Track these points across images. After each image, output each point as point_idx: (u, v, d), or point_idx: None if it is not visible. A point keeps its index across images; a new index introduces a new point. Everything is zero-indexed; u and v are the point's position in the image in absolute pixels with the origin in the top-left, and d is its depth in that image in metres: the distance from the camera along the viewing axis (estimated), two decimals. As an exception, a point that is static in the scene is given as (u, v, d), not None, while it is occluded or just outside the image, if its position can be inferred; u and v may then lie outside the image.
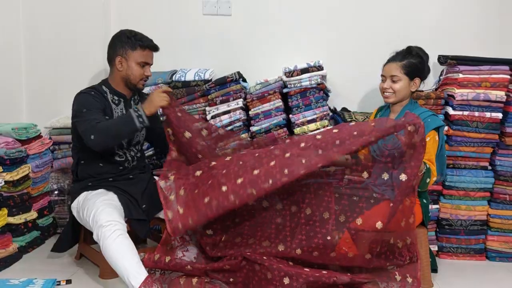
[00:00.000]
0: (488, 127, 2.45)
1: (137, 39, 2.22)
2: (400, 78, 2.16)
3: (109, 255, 1.97)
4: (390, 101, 2.23)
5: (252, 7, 2.88)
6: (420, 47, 2.22)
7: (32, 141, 2.62)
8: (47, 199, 2.74)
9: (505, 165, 2.47)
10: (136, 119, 2.05)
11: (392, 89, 2.18)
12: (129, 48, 2.21)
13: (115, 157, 2.26)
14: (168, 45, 2.86)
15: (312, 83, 2.53)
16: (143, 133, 2.37)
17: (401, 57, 2.19)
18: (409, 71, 2.16)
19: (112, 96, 2.25)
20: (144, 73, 2.25)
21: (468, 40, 2.77)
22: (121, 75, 2.24)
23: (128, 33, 2.24)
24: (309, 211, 2.09)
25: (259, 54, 2.87)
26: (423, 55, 2.20)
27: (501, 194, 2.49)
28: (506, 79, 2.43)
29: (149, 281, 1.90)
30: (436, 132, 2.14)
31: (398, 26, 2.81)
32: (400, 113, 2.23)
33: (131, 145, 2.32)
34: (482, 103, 2.44)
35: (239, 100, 2.60)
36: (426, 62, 2.21)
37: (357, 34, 2.85)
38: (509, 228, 2.49)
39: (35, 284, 2.03)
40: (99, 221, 2.00)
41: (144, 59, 2.24)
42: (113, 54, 2.24)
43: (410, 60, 2.17)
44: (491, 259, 2.53)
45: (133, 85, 2.26)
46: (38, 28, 2.90)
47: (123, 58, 2.22)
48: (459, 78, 2.45)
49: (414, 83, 2.19)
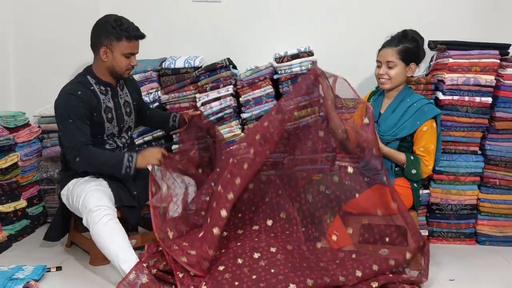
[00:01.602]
0: (478, 111, 2.45)
1: (123, 29, 2.12)
2: (396, 63, 2.15)
3: (99, 240, 1.96)
4: (386, 87, 2.22)
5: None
6: (415, 31, 2.21)
7: (20, 129, 2.60)
8: (37, 188, 2.72)
9: (494, 150, 2.48)
10: (124, 168, 2.06)
11: (388, 75, 2.17)
12: (114, 39, 2.12)
13: (105, 145, 2.23)
14: (158, 32, 2.86)
15: (303, 69, 2.52)
16: (133, 118, 2.35)
17: (396, 41, 2.17)
18: (405, 56, 2.14)
19: (98, 87, 2.20)
20: (130, 63, 2.19)
21: (459, 25, 2.77)
22: (106, 66, 2.18)
23: (113, 22, 2.12)
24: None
25: (250, 41, 2.86)
26: (418, 39, 2.19)
27: (491, 178, 2.50)
28: (495, 63, 2.43)
29: (140, 266, 1.90)
30: (434, 121, 2.14)
31: (389, 11, 2.81)
32: (395, 99, 2.23)
33: (122, 131, 2.30)
34: (472, 87, 2.44)
35: (229, 87, 2.58)
36: (422, 46, 2.20)
37: (348, 20, 2.84)
38: (499, 212, 2.50)
39: (25, 271, 2.03)
40: (88, 206, 1.99)
41: (130, 50, 2.16)
42: (97, 42, 2.16)
43: (406, 44, 2.15)
44: (481, 243, 2.54)
45: (118, 75, 2.21)
46: (27, 17, 2.87)
47: (108, 49, 2.14)
48: (449, 63, 2.46)
49: (410, 68, 2.18)
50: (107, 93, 2.23)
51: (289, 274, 1.87)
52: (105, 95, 2.22)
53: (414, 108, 2.16)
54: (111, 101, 2.23)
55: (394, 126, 2.17)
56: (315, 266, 1.94)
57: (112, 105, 2.23)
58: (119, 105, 2.27)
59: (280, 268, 1.92)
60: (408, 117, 2.15)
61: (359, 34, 2.80)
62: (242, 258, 1.99)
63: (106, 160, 2.08)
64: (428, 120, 2.12)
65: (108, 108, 2.21)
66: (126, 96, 2.33)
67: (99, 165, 2.08)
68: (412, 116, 2.14)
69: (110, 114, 2.22)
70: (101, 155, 2.09)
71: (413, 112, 2.14)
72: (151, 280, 1.87)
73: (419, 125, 2.12)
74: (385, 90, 2.27)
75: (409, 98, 2.20)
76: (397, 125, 2.17)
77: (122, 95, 2.30)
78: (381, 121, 2.22)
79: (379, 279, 1.90)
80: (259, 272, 1.91)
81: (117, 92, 2.28)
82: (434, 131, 2.14)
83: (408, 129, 2.14)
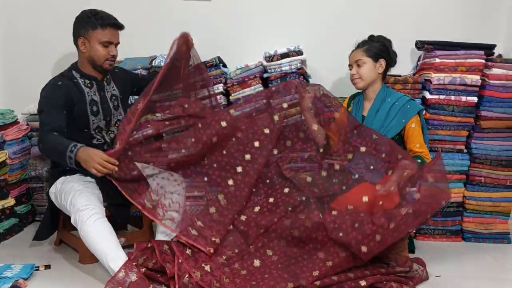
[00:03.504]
0: (464, 110, 2.49)
1: (97, 18, 2.13)
2: (364, 61, 2.23)
3: (87, 239, 1.96)
4: (360, 86, 2.28)
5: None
6: (381, 35, 2.29)
7: (8, 127, 2.59)
8: (25, 186, 2.71)
9: (480, 148, 2.52)
10: (68, 159, 1.97)
11: (358, 74, 2.24)
12: (90, 28, 2.13)
13: (92, 140, 2.22)
14: (148, 30, 2.86)
15: (292, 68, 2.54)
16: (121, 111, 2.33)
17: (362, 43, 2.28)
18: (372, 53, 2.23)
19: (83, 80, 2.20)
20: (109, 53, 2.18)
21: (445, 25, 2.81)
22: (86, 57, 2.19)
23: (88, 12, 2.16)
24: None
25: (240, 39, 2.87)
26: (384, 40, 2.28)
27: (476, 176, 2.54)
28: (481, 63, 2.47)
29: (129, 265, 1.90)
30: (418, 116, 2.19)
31: (377, 11, 2.84)
32: (376, 100, 2.26)
33: (110, 125, 2.29)
34: (458, 87, 2.48)
35: (219, 85, 2.59)
36: (390, 46, 2.27)
37: (337, 20, 2.87)
38: (484, 209, 2.55)
39: (13, 269, 2.02)
40: (77, 205, 1.99)
41: (107, 38, 2.15)
42: (76, 35, 2.18)
43: (372, 44, 2.25)
44: (467, 240, 2.58)
45: (99, 66, 2.20)
46: (15, 14, 2.85)
47: (85, 39, 2.16)
48: (435, 63, 2.49)
49: (380, 64, 2.24)
50: (92, 86, 2.22)
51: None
52: (90, 88, 2.21)
53: (396, 107, 2.20)
54: (96, 95, 2.22)
55: (380, 128, 2.21)
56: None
57: (97, 99, 2.23)
58: (106, 99, 2.27)
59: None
60: (392, 117, 2.20)
61: (348, 34, 2.80)
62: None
63: (55, 148, 2.00)
64: (413, 117, 2.17)
65: (93, 101, 2.21)
66: (114, 90, 2.32)
67: (52, 152, 2.03)
68: (396, 115, 2.19)
69: (96, 107, 2.21)
70: (55, 142, 2.00)
71: (397, 112, 2.19)
72: (140, 278, 1.87)
73: (404, 123, 2.17)
74: (364, 94, 2.31)
75: (390, 97, 2.25)
76: (383, 126, 2.21)
77: (108, 89, 2.29)
78: (366, 124, 2.26)
79: (367, 278, 1.92)
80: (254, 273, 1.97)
81: (103, 86, 2.27)
82: (420, 125, 2.21)
83: (395, 129, 2.19)
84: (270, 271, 1.97)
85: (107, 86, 2.29)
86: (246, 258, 2.05)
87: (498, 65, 2.45)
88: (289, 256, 2.04)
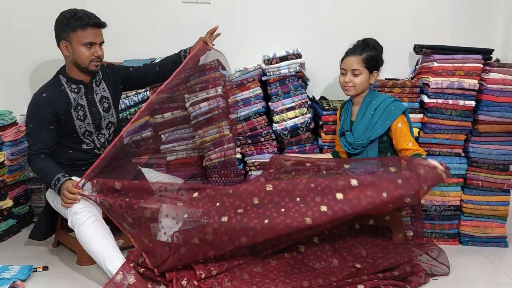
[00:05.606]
0: (462, 114, 2.50)
1: (76, 18, 2.04)
2: (361, 71, 2.23)
3: (84, 242, 1.96)
4: (351, 94, 2.29)
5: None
6: (375, 39, 2.29)
7: (7, 128, 2.59)
8: (23, 187, 2.71)
9: (477, 152, 2.53)
10: (53, 186, 2.03)
11: (353, 83, 2.24)
12: (70, 30, 2.05)
13: (82, 145, 2.21)
14: (147, 33, 2.87)
15: (291, 71, 2.55)
16: (112, 113, 2.31)
17: (360, 50, 2.24)
18: (369, 64, 2.23)
19: (69, 86, 2.16)
20: (93, 54, 2.10)
21: (444, 30, 2.83)
22: (70, 60, 2.13)
23: (67, 13, 2.06)
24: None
25: (238, 42, 2.87)
26: (378, 47, 2.27)
27: (474, 180, 2.55)
28: (479, 67, 2.48)
29: (127, 267, 1.90)
30: (404, 116, 2.22)
31: (375, 15, 2.85)
32: (362, 104, 2.28)
33: (101, 128, 2.26)
34: (456, 91, 2.49)
35: (218, 88, 2.60)
36: (381, 54, 2.28)
37: (336, 24, 2.89)
38: (481, 213, 2.55)
39: (11, 271, 2.02)
40: (73, 207, 1.99)
41: (88, 39, 2.06)
42: (58, 38, 2.12)
43: (369, 53, 2.23)
44: (464, 243, 2.59)
45: (84, 69, 2.14)
46: (12, 14, 2.84)
47: (67, 42, 2.09)
48: (433, 67, 2.50)
49: (373, 75, 2.26)
50: (80, 91, 2.18)
51: None
52: (77, 93, 2.17)
53: (381, 109, 2.22)
54: (83, 99, 2.19)
55: (366, 129, 2.23)
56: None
57: (84, 103, 2.20)
58: (94, 101, 2.23)
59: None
60: (377, 119, 2.21)
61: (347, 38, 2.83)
62: None
63: (41, 175, 2.11)
64: (398, 117, 2.19)
65: (79, 105, 2.18)
66: (104, 92, 2.28)
67: (39, 177, 2.18)
68: (381, 116, 2.21)
69: (82, 112, 2.18)
70: (42, 170, 2.07)
71: (381, 113, 2.21)
72: (138, 280, 1.87)
73: (389, 124, 2.19)
74: (352, 99, 2.34)
75: (375, 100, 2.27)
76: (368, 128, 2.23)
77: (98, 91, 2.25)
78: (354, 128, 2.28)
79: (365, 283, 1.92)
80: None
81: (91, 88, 2.23)
82: (407, 124, 2.22)
83: (380, 130, 2.20)
84: (272, 276, 1.97)
85: (97, 88, 2.25)
86: (245, 266, 2.05)
87: (496, 70, 2.46)
88: (292, 266, 2.05)
